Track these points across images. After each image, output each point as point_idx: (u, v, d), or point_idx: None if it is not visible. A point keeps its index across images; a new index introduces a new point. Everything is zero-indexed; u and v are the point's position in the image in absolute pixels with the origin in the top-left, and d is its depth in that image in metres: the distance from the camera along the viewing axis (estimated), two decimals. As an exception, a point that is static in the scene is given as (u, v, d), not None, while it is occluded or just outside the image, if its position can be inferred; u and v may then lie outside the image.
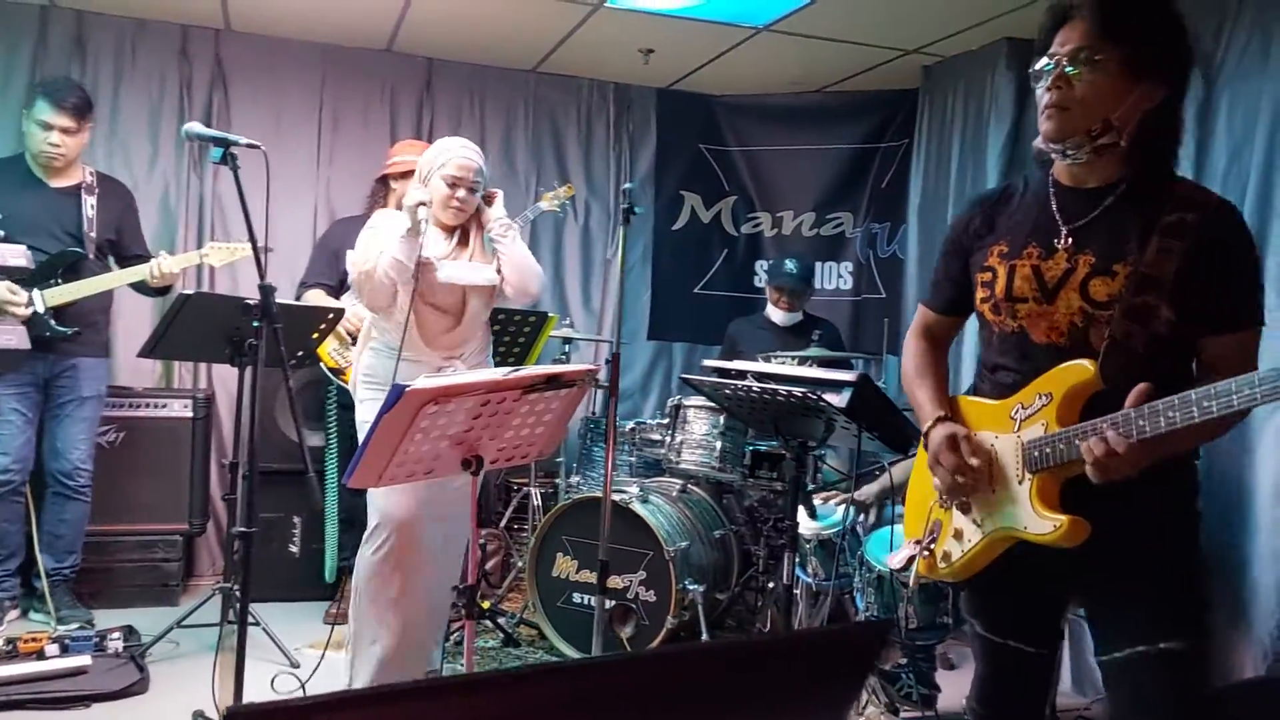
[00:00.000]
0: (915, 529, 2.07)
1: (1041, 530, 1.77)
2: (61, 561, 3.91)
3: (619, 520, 3.65)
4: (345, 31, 4.78)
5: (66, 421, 3.85)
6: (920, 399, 2.04)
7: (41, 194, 3.79)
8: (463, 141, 3.13)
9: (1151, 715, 1.75)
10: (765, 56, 4.84)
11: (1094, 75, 1.72)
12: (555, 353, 4.54)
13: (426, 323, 3.05)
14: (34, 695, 3.07)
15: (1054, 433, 1.76)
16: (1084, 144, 1.76)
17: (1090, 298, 1.77)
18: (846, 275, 5.51)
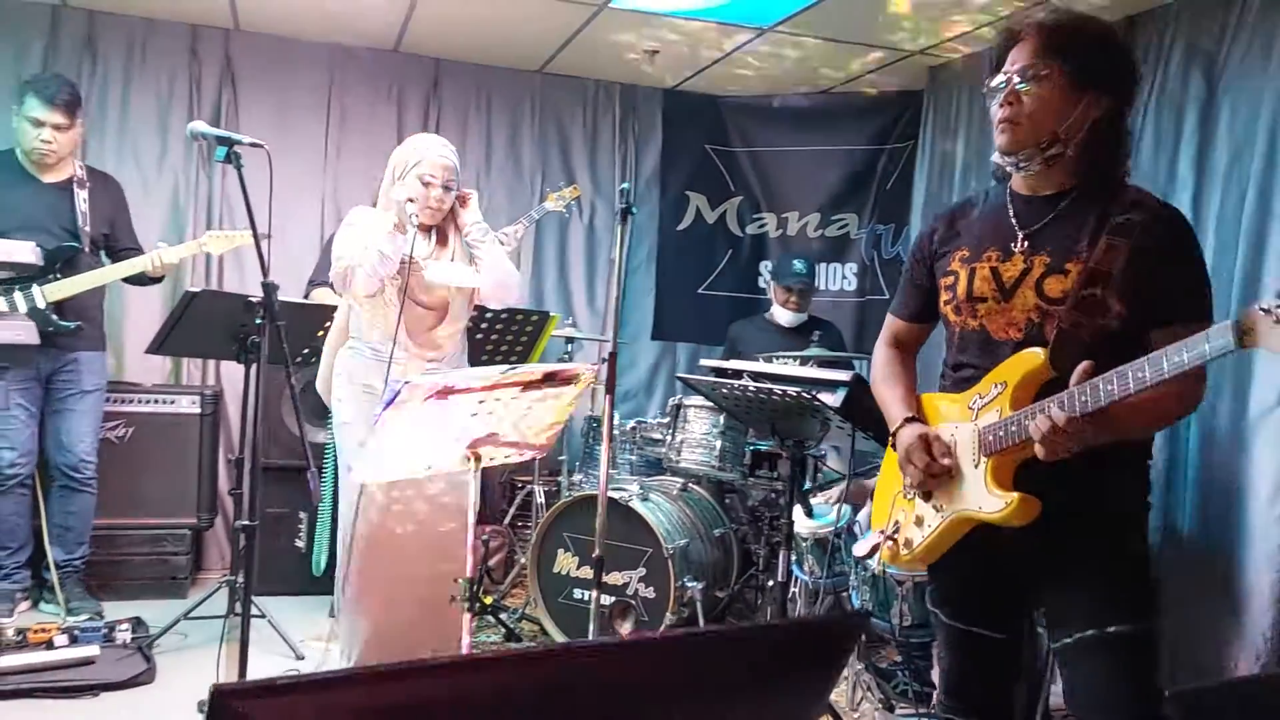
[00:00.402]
0: (881, 520, 2.17)
1: (994, 508, 1.87)
2: (71, 553, 3.96)
3: (619, 518, 3.68)
4: (353, 31, 4.83)
5: (70, 415, 3.89)
6: (888, 401, 2.15)
7: (35, 190, 3.82)
8: (439, 140, 3.15)
9: (1102, 697, 1.84)
10: (771, 57, 4.86)
11: (1040, 90, 1.86)
12: (558, 352, 4.58)
13: (412, 319, 3.08)
14: (43, 684, 3.12)
15: (1008, 416, 1.86)
16: (1035, 155, 1.90)
17: (1045, 294, 1.88)
18: (851, 276, 5.52)
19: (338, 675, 0.94)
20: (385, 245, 2.95)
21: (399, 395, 2.29)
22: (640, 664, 1.17)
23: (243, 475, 3.66)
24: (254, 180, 2.66)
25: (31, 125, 3.75)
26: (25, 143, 3.79)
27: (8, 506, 3.82)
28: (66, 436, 3.89)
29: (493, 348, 3.83)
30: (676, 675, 1.19)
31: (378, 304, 3.08)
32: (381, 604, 3.05)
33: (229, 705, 0.84)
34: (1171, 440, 3.43)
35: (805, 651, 1.35)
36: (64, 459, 3.90)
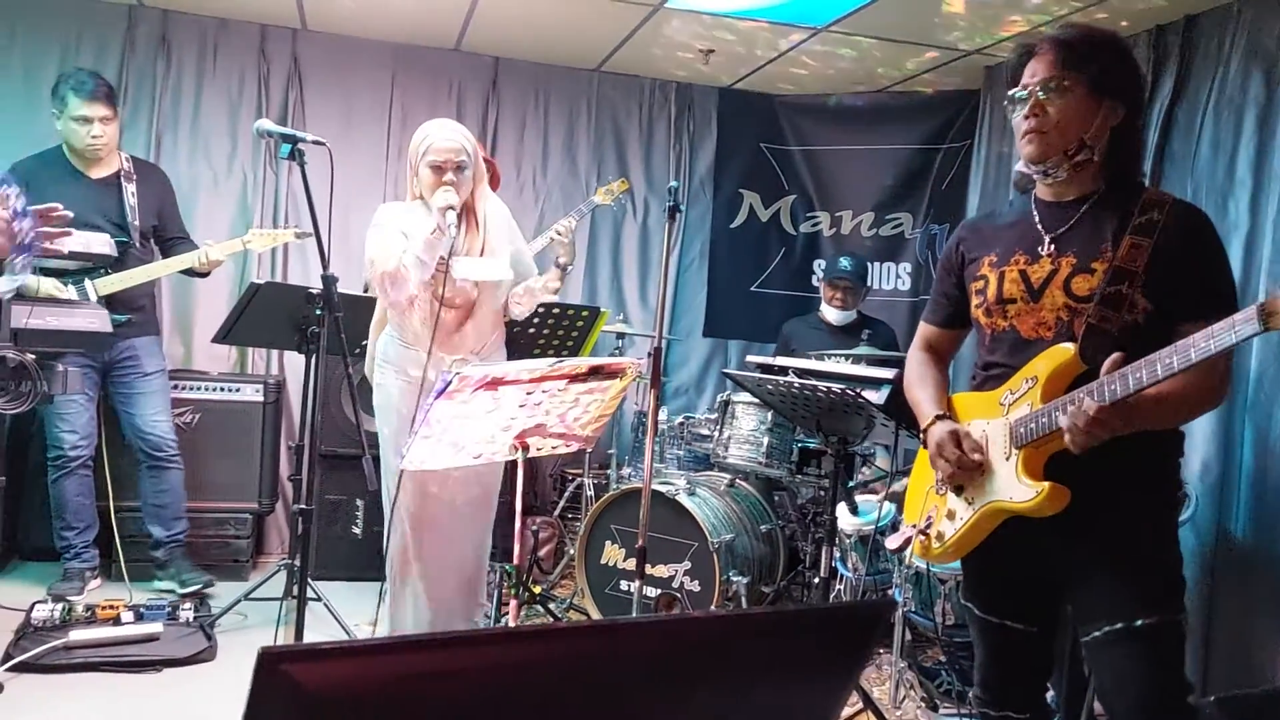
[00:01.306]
0: (914, 515, 2.22)
1: (1025, 497, 1.91)
2: (172, 529, 4.10)
3: (666, 511, 3.73)
4: (415, 31, 4.94)
5: (139, 398, 4.03)
6: (919, 400, 2.21)
7: (83, 185, 3.92)
8: (442, 122, 3.10)
9: (1130, 688, 1.87)
10: (826, 56, 4.87)
11: (1064, 100, 1.93)
12: (609, 348, 4.63)
13: (440, 321, 3.05)
14: (109, 659, 3.26)
15: (1036, 410, 1.91)
16: (1062, 163, 1.97)
17: (1073, 293, 1.94)
18: (905, 276, 5.50)
19: (379, 642, 0.98)
20: (423, 252, 2.95)
21: (450, 385, 2.36)
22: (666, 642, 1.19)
23: (302, 462, 3.77)
24: (319, 177, 2.75)
25: (79, 124, 3.84)
26: (76, 142, 3.88)
27: (73, 487, 3.98)
28: (141, 419, 4.03)
29: (544, 342, 3.89)
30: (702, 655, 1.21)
31: (411, 307, 3.08)
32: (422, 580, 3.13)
33: (275, 667, 0.88)
34: (1225, 444, 3.39)
35: (831, 636, 1.37)
36: (144, 440, 4.04)
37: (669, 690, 1.20)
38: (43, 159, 4.02)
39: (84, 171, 3.95)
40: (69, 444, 3.93)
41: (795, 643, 1.33)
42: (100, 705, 3.05)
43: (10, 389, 2.93)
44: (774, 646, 1.30)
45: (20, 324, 3.00)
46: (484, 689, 1.12)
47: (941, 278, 2.25)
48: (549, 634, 1.21)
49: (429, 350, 3.02)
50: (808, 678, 1.35)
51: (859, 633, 1.46)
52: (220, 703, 3.10)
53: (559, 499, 4.92)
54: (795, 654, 1.32)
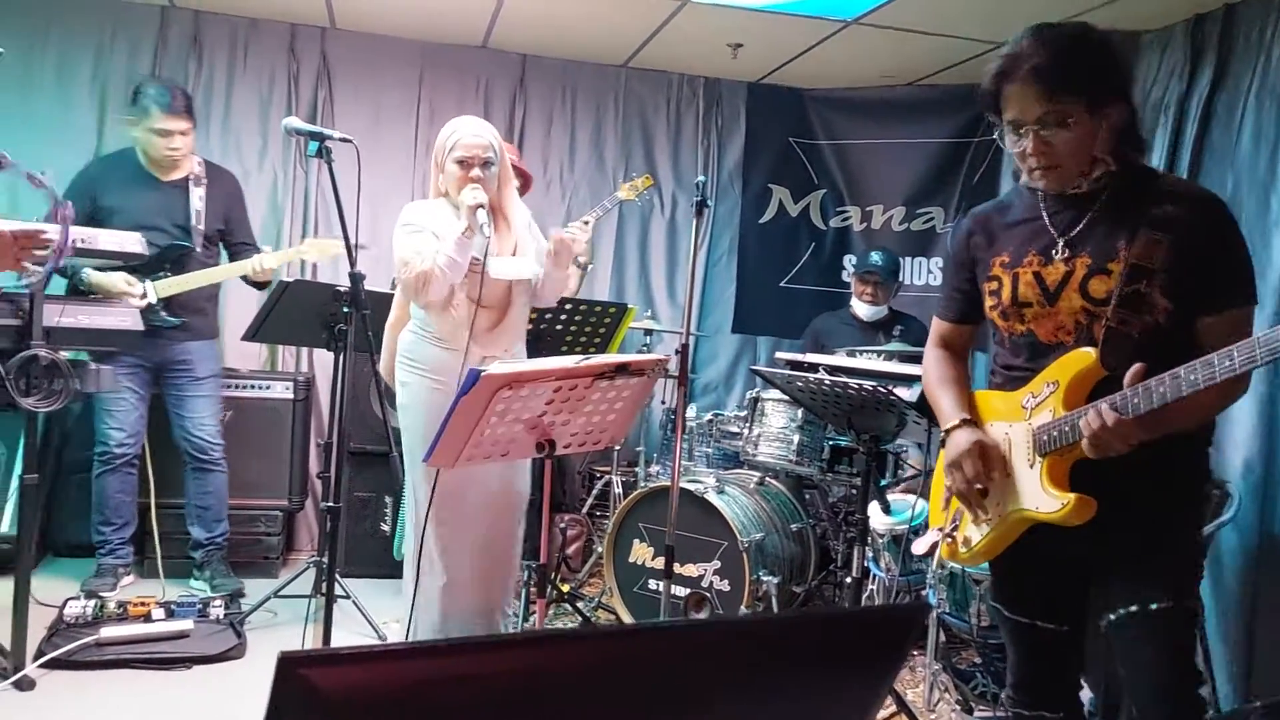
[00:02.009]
0: (940, 517, 2.19)
1: (1051, 509, 1.88)
2: (212, 531, 4.13)
3: (695, 510, 3.70)
4: (442, 28, 4.93)
5: (189, 401, 4.06)
6: (942, 402, 2.17)
7: (152, 188, 3.97)
8: (468, 119, 3.09)
9: (1147, 671, 1.88)
10: (856, 50, 4.81)
11: (1067, 131, 1.86)
12: (637, 345, 4.61)
13: (474, 321, 3.04)
14: (140, 656, 3.28)
15: (1060, 417, 1.88)
16: (1081, 182, 1.93)
17: (1090, 296, 1.90)
18: (936, 271, 5.43)
19: (399, 647, 0.98)
20: (456, 252, 2.93)
21: (475, 383, 2.34)
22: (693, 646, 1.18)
23: (331, 459, 3.78)
24: (347, 174, 2.74)
25: (159, 135, 3.88)
26: (153, 152, 3.92)
27: (115, 484, 4.01)
28: (190, 422, 4.06)
29: (571, 339, 3.87)
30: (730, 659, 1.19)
31: (448, 306, 3.06)
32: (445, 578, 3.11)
33: (294, 671, 0.87)
34: (1269, 444, 3.31)
35: (865, 641, 1.34)
36: (191, 443, 4.07)
37: (696, 696, 1.18)
38: (114, 160, 4.10)
39: (155, 175, 4.00)
40: (115, 441, 3.96)
41: (827, 647, 1.31)
42: (131, 702, 3.06)
43: (43, 387, 2.96)
44: (805, 651, 1.28)
45: (52, 322, 3.02)
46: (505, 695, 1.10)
47: (953, 272, 2.21)
48: (571, 639, 1.20)
49: (465, 350, 3.00)
50: (840, 683, 1.33)
51: (893, 637, 1.43)
52: (250, 700, 3.11)
53: (587, 496, 4.90)
54: (827, 659, 1.30)
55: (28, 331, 2.95)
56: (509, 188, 3.18)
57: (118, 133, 4.72)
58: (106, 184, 3.94)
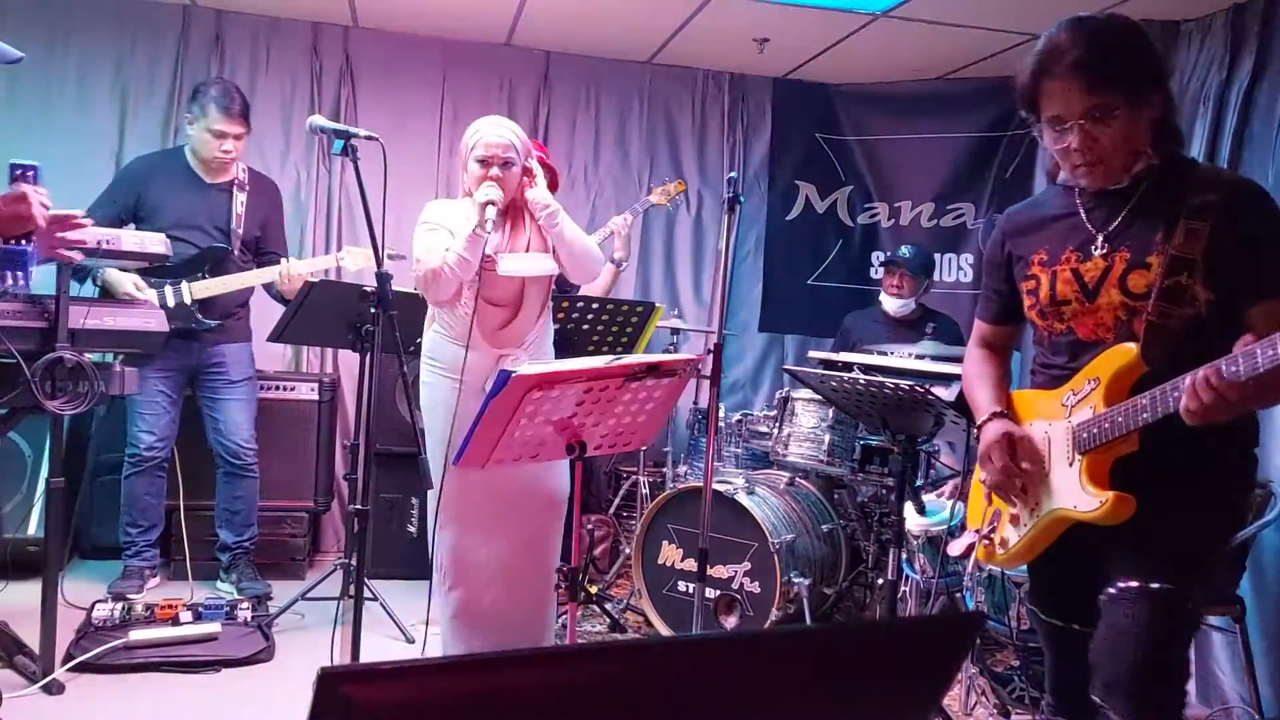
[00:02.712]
0: (976, 518, 2.16)
1: (1089, 507, 1.85)
2: (241, 535, 4.12)
3: (724, 511, 3.65)
4: (466, 26, 4.90)
5: (223, 405, 4.05)
6: (977, 397, 2.14)
7: (198, 190, 3.98)
8: (493, 119, 3.07)
9: (1126, 646, 1.83)
10: (884, 43, 4.75)
11: (1113, 124, 1.81)
12: (664, 343, 4.56)
13: (482, 317, 3.02)
14: (168, 659, 3.26)
15: (1100, 413, 1.84)
16: (1123, 178, 1.89)
17: (1130, 291, 1.87)
18: (967, 267, 5.36)
19: (440, 662, 0.95)
20: (466, 250, 2.91)
21: (505, 384, 2.31)
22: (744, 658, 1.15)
23: (357, 461, 3.76)
24: (371, 173, 2.71)
25: (214, 137, 3.89)
26: (205, 152, 3.93)
27: (143, 487, 4.00)
28: (224, 425, 4.05)
29: (598, 338, 3.83)
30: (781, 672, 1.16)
31: (455, 301, 3.05)
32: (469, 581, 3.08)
33: (334, 688, 0.86)
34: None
35: (917, 652, 1.30)
36: (225, 447, 4.06)
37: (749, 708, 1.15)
38: (163, 158, 4.13)
39: (201, 176, 4.00)
40: (145, 444, 3.95)
41: (881, 658, 1.28)
42: (161, 705, 3.04)
43: (68, 390, 2.94)
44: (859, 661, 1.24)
45: (77, 324, 3.00)
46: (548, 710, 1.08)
47: (990, 273, 2.18)
48: (616, 652, 1.16)
49: (466, 346, 2.98)
50: (894, 693, 1.29)
51: (946, 647, 1.39)
52: (279, 703, 3.09)
53: (614, 497, 4.86)
54: (881, 669, 1.27)
55: (53, 334, 2.94)
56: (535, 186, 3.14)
57: (139, 134, 4.73)
58: (153, 181, 3.96)
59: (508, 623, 3.16)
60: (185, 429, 4.09)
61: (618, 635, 3.90)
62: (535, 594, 3.20)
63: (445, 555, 3.06)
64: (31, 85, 4.62)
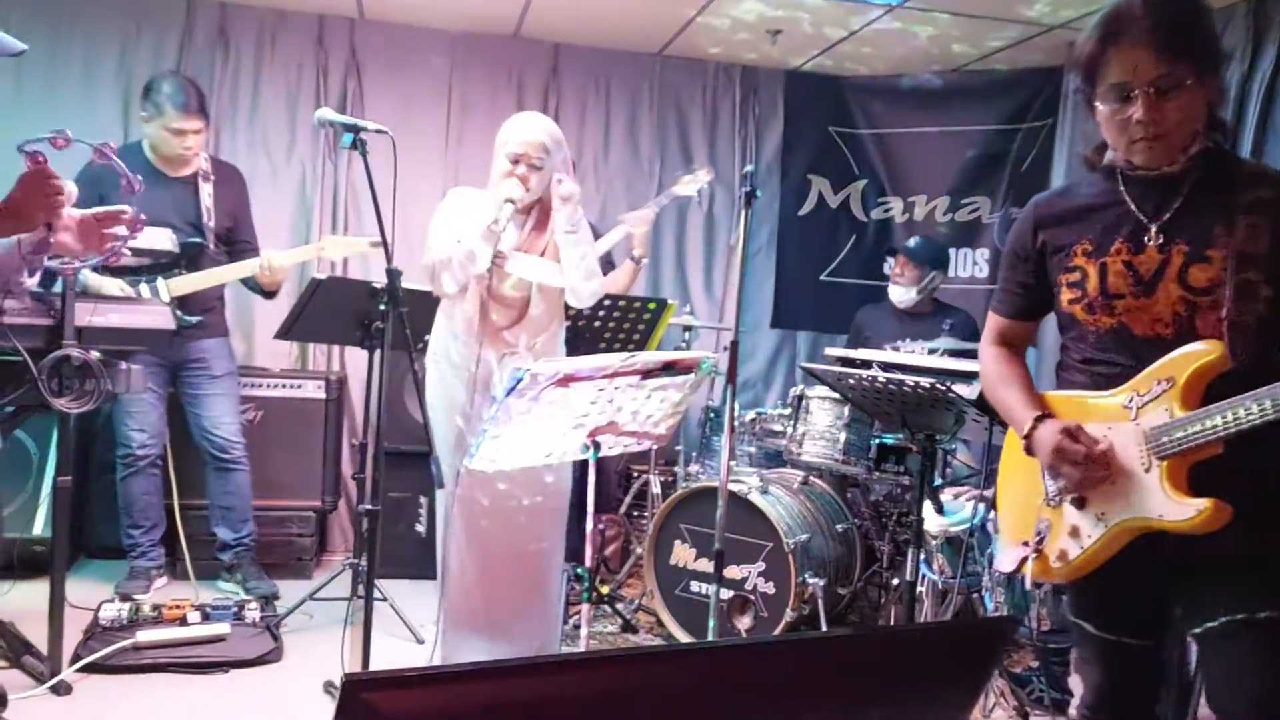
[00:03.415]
0: (1019, 530, 2.02)
1: (1180, 516, 1.74)
2: (239, 532, 4.06)
3: (738, 511, 3.60)
4: (473, 18, 4.85)
5: (207, 400, 4.00)
6: (1010, 402, 2.03)
7: (162, 185, 3.86)
8: (529, 117, 3.03)
9: (1246, 683, 1.74)
10: (900, 35, 4.69)
11: (1180, 97, 1.74)
12: (676, 340, 4.51)
13: (487, 315, 2.97)
14: (176, 659, 3.22)
15: (1184, 416, 1.74)
16: (1178, 157, 1.80)
17: (1190, 285, 1.78)
18: (983, 262, 5.30)
19: (466, 669, 0.94)
20: (476, 245, 2.86)
21: (520, 383, 2.26)
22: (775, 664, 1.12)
23: (365, 460, 3.71)
24: (377, 168, 2.67)
25: (173, 135, 3.80)
26: (167, 150, 3.84)
27: (140, 486, 3.96)
28: (209, 421, 4.00)
29: (610, 335, 3.78)
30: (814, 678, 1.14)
31: (461, 296, 3.00)
32: (475, 583, 3.04)
33: (359, 696, 0.86)
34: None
35: (953, 655, 1.27)
36: (211, 442, 4.01)
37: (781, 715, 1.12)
38: (121, 154, 3.98)
39: (163, 170, 3.92)
40: (137, 443, 3.91)
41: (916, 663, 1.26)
42: (168, 706, 3.01)
43: (75, 388, 2.90)
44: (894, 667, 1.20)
45: (84, 322, 2.96)
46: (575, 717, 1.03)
47: (1013, 265, 2.06)
48: (647, 658, 1.14)
49: (478, 345, 2.93)
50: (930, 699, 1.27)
51: (982, 651, 1.35)
52: (288, 704, 3.06)
53: (624, 496, 4.81)
54: (916, 674, 1.23)
55: (60, 331, 2.90)
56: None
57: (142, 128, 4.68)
58: (114, 179, 3.86)
59: (513, 622, 3.12)
60: (174, 428, 4.05)
61: (630, 636, 3.85)
62: (540, 594, 3.17)
63: (451, 554, 3.02)
64: (36, 78, 4.57)
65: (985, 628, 1.45)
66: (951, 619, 3.28)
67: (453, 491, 2.94)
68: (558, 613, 3.28)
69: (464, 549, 3.04)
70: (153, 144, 3.88)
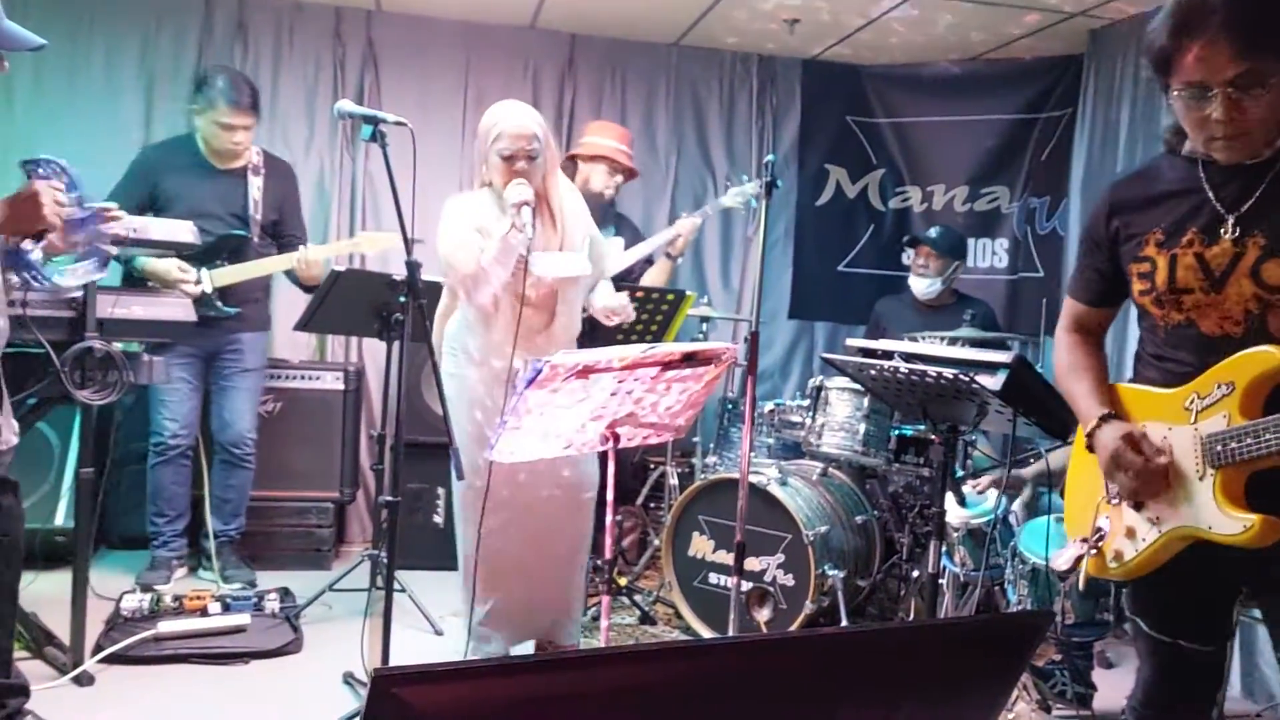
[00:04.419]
0: (1079, 527, 1.97)
1: (1230, 531, 1.67)
2: (228, 524, 4.11)
3: (757, 502, 3.59)
4: (489, 9, 4.84)
5: (232, 393, 4.03)
6: (1077, 394, 1.95)
7: (210, 177, 3.95)
8: (511, 106, 2.96)
9: None
10: (917, 23, 4.65)
11: (1262, 95, 1.61)
12: (693, 331, 4.49)
13: (519, 319, 2.90)
14: (197, 650, 3.24)
15: (1240, 425, 1.66)
16: (1262, 151, 1.70)
17: (1264, 282, 1.69)
18: (1002, 252, 5.26)
19: (495, 664, 0.97)
20: (501, 254, 2.82)
21: (540, 374, 2.25)
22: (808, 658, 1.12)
23: (384, 451, 3.72)
24: (395, 160, 2.66)
25: (223, 129, 3.86)
26: (216, 143, 3.90)
27: (168, 476, 3.99)
28: (229, 413, 4.03)
29: (628, 326, 3.76)
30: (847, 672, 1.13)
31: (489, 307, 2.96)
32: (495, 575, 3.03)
33: (389, 691, 0.86)
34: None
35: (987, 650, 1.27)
36: (226, 435, 4.04)
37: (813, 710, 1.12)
38: (174, 146, 4.08)
39: (213, 163, 3.97)
40: (169, 432, 3.94)
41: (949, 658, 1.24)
42: (189, 697, 3.02)
43: (97, 379, 2.91)
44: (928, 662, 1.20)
45: (106, 313, 2.97)
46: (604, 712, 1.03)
47: (1089, 250, 1.97)
48: (678, 653, 1.13)
49: (512, 352, 2.86)
50: (963, 693, 1.27)
51: (1015, 646, 1.34)
52: (308, 695, 3.06)
53: (641, 487, 4.80)
54: (950, 669, 1.22)
55: (82, 323, 2.91)
56: (554, 176, 3.04)
57: (165, 121, 4.69)
58: (166, 170, 3.93)
59: (534, 614, 3.12)
60: (206, 419, 4.08)
61: (648, 628, 3.85)
62: (562, 585, 3.16)
63: (471, 547, 3.02)
64: (57, 73, 4.58)
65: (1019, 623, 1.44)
66: (985, 613, 3.26)
67: (471, 483, 2.93)
68: (580, 604, 3.28)
69: (485, 541, 3.02)
70: (204, 137, 3.93)
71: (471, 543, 2.95)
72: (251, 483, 4.14)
